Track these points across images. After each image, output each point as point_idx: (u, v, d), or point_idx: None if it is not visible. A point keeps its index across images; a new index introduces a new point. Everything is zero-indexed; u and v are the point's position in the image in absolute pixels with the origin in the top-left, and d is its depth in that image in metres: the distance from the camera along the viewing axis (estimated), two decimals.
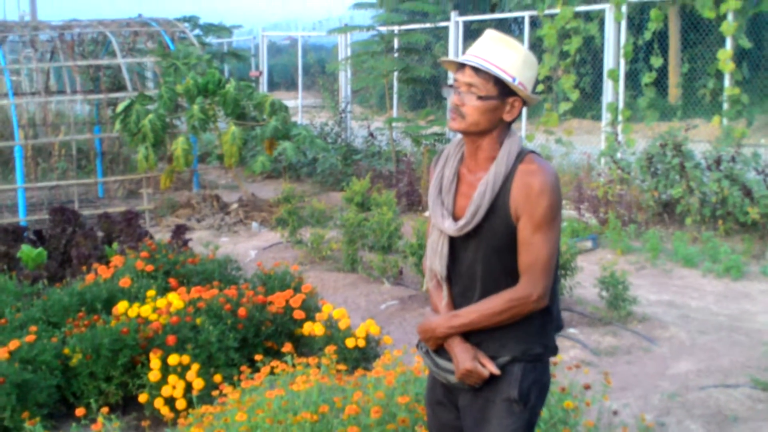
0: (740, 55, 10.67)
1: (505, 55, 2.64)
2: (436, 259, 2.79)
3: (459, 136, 2.78)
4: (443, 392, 2.84)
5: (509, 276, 2.65)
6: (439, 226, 2.75)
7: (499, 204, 2.64)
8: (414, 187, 11.32)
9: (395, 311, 6.90)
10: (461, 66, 2.67)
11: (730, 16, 9.92)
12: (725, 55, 9.94)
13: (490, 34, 2.70)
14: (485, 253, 2.69)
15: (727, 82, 10.06)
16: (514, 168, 2.64)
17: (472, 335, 2.71)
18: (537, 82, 12.11)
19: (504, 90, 2.64)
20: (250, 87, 11.34)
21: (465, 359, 2.68)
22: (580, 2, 11.74)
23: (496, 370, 2.66)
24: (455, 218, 2.72)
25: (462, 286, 2.77)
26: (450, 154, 2.80)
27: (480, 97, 2.63)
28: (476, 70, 2.63)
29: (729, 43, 9.99)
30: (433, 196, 2.79)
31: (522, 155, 2.67)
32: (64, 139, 12.78)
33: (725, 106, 10.04)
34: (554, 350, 2.79)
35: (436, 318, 2.77)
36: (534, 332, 2.70)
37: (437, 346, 2.77)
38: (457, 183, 2.76)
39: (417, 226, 7.47)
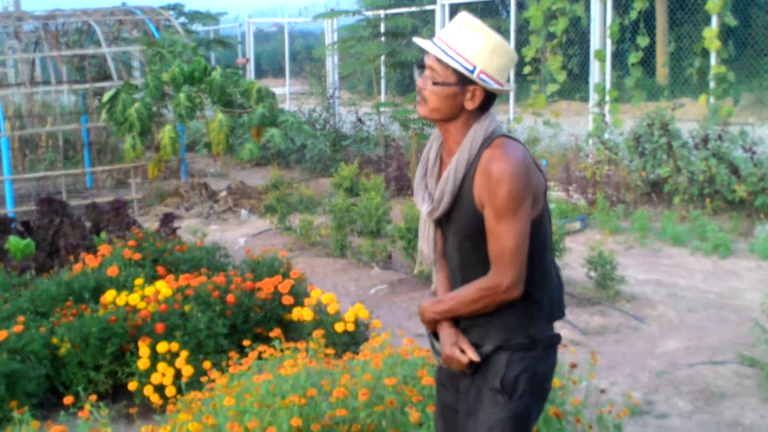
0: (726, 33, 10.67)
1: (470, 42, 2.55)
2: (423, 243, 2.80)
3: None
4: (446, 374, 2.83)
5: (485, 263, 2.60)
6: (419, 208, 2.74)
7: (464, 191, 2.60)
8: (403, 171, 11.31)
9: (384, 295, 6.91)
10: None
11: None
12: (711, 34, 9.95)
13: (461, 18, 2.61)
14: (459, 239, 2.67)
15: (713, 60, 10.06)
16: (479, 154, 2.57)
17: (461, 321, 2.70)
18: (524, 64, 12.10)
19: (464, 78, 2.56)
20: (237, 74, 11.30)
21: (446, 344, 2.67)
22: None
23: (475, 357, 2.63)
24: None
25: (450, 270, 2.78)
26: (435, 137, 2.77)
27: (435, 83, 2.57)
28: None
29: (714, 21, 9.99)
30: (418, 179, 2.77)
31: (490, 140, 2.58)
32: (51, 130, 12.72)
33: (712, 84, 10.05)
34: (550, 339, 2.71)
35: (426, 302, 2.77)
36: (516, 322, 2.64)
37: (433, 329, 2.76)
38: (440, 167, 2.74)
39: (405, 210, 7.48)
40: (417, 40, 2.66)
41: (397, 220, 8.06)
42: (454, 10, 13.88)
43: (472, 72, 2.53)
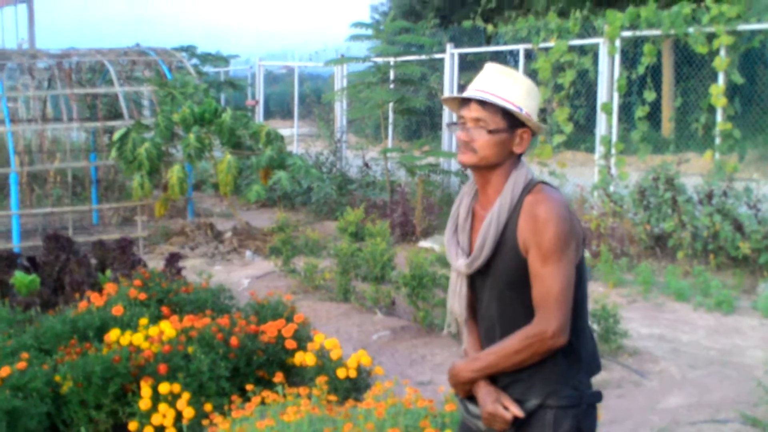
0: (733, 90, 10.76)
1: (509, 87, 2.61)
2: (455, 301, 2.74)
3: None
4: None
5: (528, 314, 2.56)
6: (453, 264, 2.70)
7: (507, 237, 2.58)
8: (408, 217, 11.36)
9: (387, 342, 6.91)
10: (465, 101, 2.64)
11: (722, 52, 10.02)
12: (717, 90, 10.04)
13: (491, 68, 2.67)
14: (500, 290, 2.63)
15: (719, 116, 10.14)
16: (521, 199, 2.58)
17: (499, 379, 2.63)
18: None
19: (513, 122, 2.61)
20: (246, 116, 11.42)
21: (487, 402, 2.59)
22: (574, 36, 11.86)
23: (519, 413, 2.56)
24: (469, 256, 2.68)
25: (485, 327, 2.72)
26: (465, 193, 2.77)
27: (490, 131, 2.59)
28: (483, 104, 2.60)
29: (721, 79, 10.09)
30: (449, 235, 2.75)
31: (530, 186, 2.61)
32: (60, 166, 12.83)
33: (717, 140, 10.12)
34: (593, 396, 2.66)
35: (460, 362, 2.70)
36: (560, 372, 2.58)
37: (466, 393, 2.69)
38: (473, 221, 2.72)
39: (410, 256, 7.50)
40: (452, 96, 2.70)
41: (402, 266, 8.07)
42: (463, 58, 14.05)
43: (521, 112, 2.59)
